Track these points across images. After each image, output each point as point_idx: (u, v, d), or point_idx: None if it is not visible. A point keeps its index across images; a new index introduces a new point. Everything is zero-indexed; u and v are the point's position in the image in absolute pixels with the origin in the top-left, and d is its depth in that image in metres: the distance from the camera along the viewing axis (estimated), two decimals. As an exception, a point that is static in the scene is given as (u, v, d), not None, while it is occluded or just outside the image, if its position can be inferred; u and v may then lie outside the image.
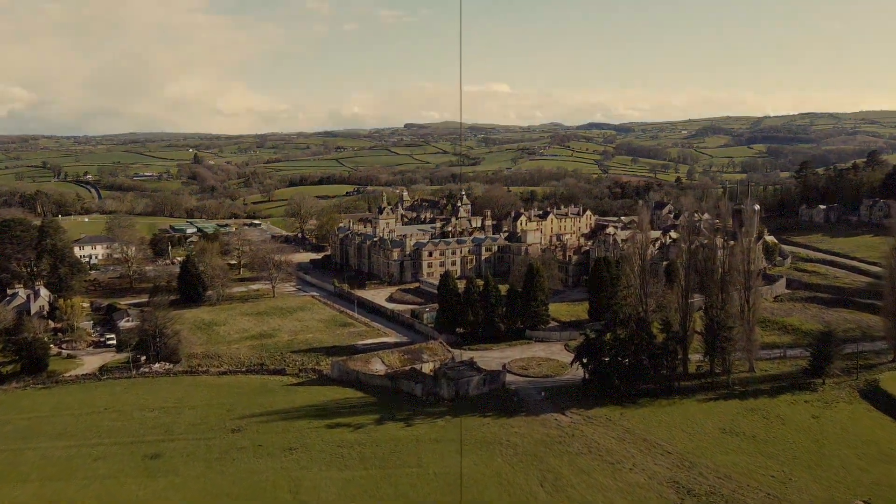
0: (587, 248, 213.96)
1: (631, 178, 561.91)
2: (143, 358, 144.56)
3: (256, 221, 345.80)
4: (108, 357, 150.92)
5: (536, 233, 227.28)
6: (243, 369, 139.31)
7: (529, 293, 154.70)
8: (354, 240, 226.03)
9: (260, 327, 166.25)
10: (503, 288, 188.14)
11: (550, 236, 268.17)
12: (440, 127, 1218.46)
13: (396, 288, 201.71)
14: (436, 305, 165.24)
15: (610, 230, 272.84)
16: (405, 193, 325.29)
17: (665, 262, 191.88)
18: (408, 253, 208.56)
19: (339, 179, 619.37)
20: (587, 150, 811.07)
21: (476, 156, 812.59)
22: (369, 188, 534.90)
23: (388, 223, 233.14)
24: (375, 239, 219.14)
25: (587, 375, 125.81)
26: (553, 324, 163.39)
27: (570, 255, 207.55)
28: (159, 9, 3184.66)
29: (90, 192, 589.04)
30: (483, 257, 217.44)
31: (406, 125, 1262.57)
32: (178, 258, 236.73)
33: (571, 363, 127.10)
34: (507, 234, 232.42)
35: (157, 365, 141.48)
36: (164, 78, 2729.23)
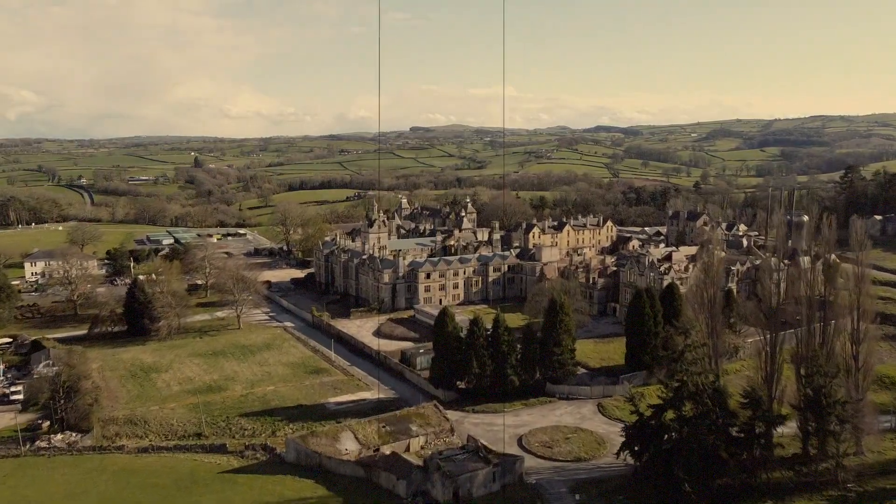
0: (612, 266, 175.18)
1: (643, 181, 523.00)
2: (45, 424, 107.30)
3: (241, 231, 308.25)
4: (8, 419, 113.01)
5: (553, 249, 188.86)
6: (172, 444, 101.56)
7: (552, 335, 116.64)
8: (340, 257, 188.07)
9: (209, 375, 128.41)
10: (514, 318, 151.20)
11: (567, 251, 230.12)
12: (446, 130, 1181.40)
13: (387, 317, 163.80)
14: (430, 345, 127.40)
15: (634, 243, 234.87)
16: (404, 200, 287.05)
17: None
18: (401, 275, 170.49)
19: (341, 184, 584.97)
20: (596, 153, 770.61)
21: (482, 159, 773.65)
22: (371, 192, 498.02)
23: (379, 238, 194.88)
24: (364, 257, 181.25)
25: (638, 464, 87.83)
26: (580, 371, 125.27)
27: (594, 278, 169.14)
28: (166, 12, 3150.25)
29: (83, 196, 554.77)
30: (490, 279, 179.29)
31: (412, 128, 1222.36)
32: (141, 276, 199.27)
33: (618, 452, 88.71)
34: (518, 249, 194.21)
35: (59, 436, 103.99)
36: (171, 81, 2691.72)
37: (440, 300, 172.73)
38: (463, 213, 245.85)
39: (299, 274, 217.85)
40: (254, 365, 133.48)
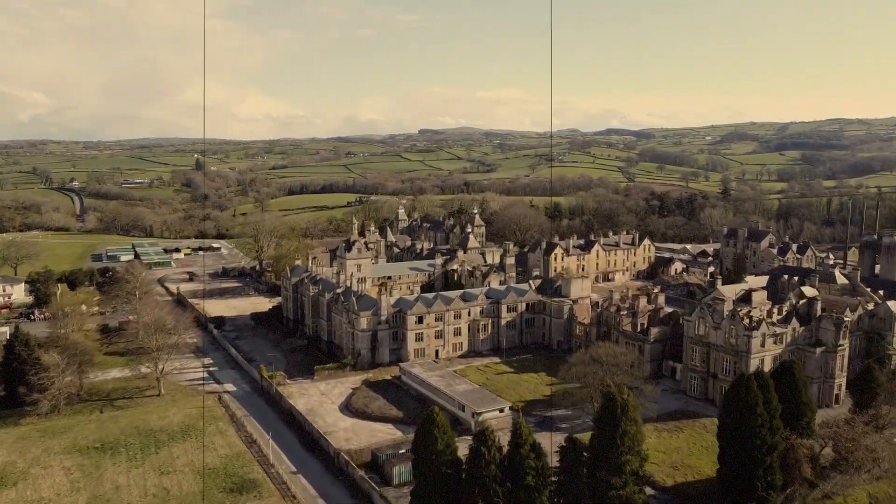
0: (664, 307, 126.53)
1: (662, 186, 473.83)
2: None
3: (216, 245, 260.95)
4: None
5: (584, 282, 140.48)
6: None
7: (608, 455, 68.92)
8: (308, 290, 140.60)
9: (73, 495, 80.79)
10: (537, 382, 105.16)
11: (596, 274, 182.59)
12: (455, 132, 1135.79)
13: (362, 379, 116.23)
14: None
15: (676, 266, 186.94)
16: (401, 210, 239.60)
17: (839, 351, 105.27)
18: (384, 318, 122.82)
19: (343, 188, 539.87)
20: (609, 156, 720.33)
21: (491, 162, 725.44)
22: (374, 197, 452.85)
23: (359, 265, 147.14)
24: (338, 291, 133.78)
25: None
26: (647, 491, 77.18)
27: (642, 324, 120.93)
28: (174, 14, 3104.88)
29: (73, 200, 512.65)
30: (503, 321, 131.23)
31: (420, 131, 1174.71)
32: (69, 308, 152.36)
33: None
34: (538, 280, 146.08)
35: None
36: (179, 83, 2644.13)
37: (436, 351, 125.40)
38: (469, 229, 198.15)
39: (268, 304, 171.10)
40: (151, 472, 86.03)
